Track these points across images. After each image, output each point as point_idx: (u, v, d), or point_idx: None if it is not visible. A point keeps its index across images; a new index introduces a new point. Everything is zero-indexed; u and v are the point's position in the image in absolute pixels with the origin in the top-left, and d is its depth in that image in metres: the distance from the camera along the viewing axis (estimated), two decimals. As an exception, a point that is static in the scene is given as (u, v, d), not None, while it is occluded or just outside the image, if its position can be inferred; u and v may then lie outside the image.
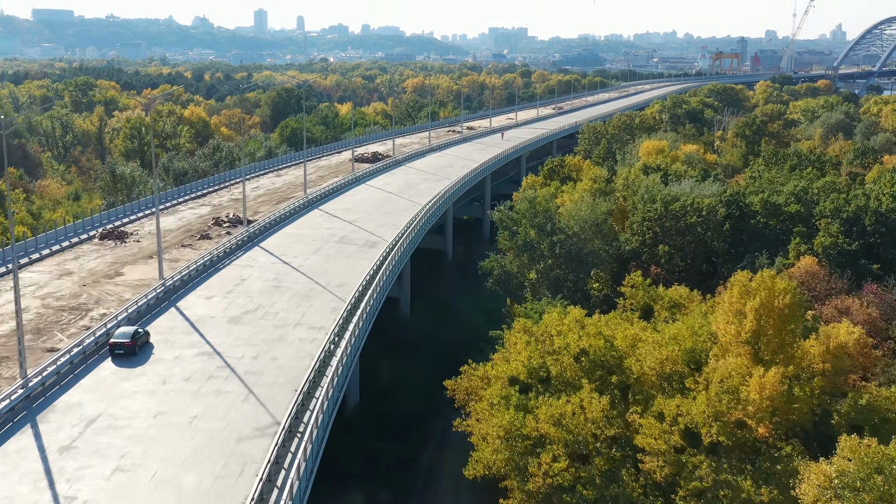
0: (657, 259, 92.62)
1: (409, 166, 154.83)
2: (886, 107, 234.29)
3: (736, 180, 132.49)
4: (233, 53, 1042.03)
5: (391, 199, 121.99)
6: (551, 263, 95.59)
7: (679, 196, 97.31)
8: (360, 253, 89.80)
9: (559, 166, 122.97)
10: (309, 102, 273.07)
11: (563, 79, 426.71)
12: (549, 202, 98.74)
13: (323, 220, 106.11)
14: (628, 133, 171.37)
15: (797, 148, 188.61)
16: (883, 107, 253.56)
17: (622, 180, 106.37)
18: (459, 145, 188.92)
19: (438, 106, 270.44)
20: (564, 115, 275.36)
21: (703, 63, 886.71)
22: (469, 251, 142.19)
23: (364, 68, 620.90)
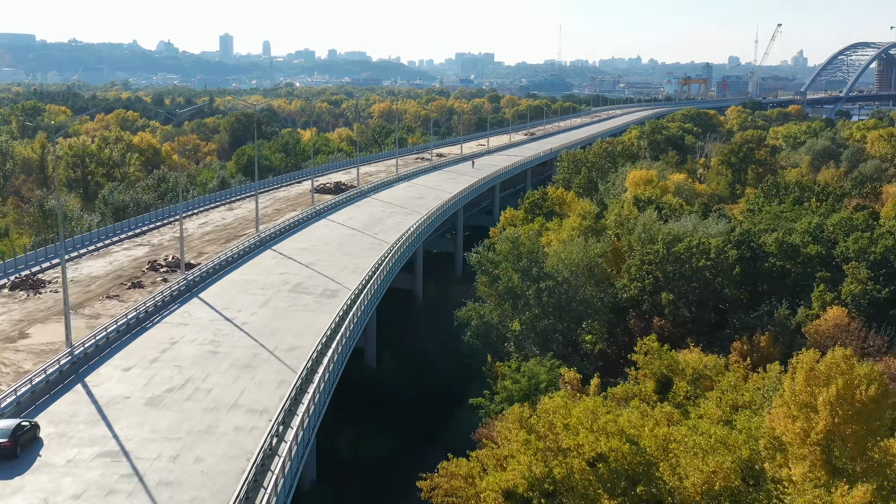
0: (660, 309, 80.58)
1: (375, 198, 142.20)
2: (871, 133, 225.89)
3: (732, 213, 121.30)
4: (198, 78, 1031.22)
5: (355, 236, 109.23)
6: (538, 313, 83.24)
7: (681, 235, 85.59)
8: (318, 305, 76.87)
9: (542, 199, 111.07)
10: (270, 128, 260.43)
11: (533, 104, 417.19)
12: (533, 242, 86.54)
13: (276, 262, 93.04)
14: (609, 161, 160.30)
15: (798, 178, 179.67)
16: (866, 132, 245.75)
17: (614, 216, 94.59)
18: (429, 174, 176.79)
19: (406, 132, 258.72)
20: (537, 141, 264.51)
21: (669, 88, 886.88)
22: (441, 290, 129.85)
23: (330, 93, 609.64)
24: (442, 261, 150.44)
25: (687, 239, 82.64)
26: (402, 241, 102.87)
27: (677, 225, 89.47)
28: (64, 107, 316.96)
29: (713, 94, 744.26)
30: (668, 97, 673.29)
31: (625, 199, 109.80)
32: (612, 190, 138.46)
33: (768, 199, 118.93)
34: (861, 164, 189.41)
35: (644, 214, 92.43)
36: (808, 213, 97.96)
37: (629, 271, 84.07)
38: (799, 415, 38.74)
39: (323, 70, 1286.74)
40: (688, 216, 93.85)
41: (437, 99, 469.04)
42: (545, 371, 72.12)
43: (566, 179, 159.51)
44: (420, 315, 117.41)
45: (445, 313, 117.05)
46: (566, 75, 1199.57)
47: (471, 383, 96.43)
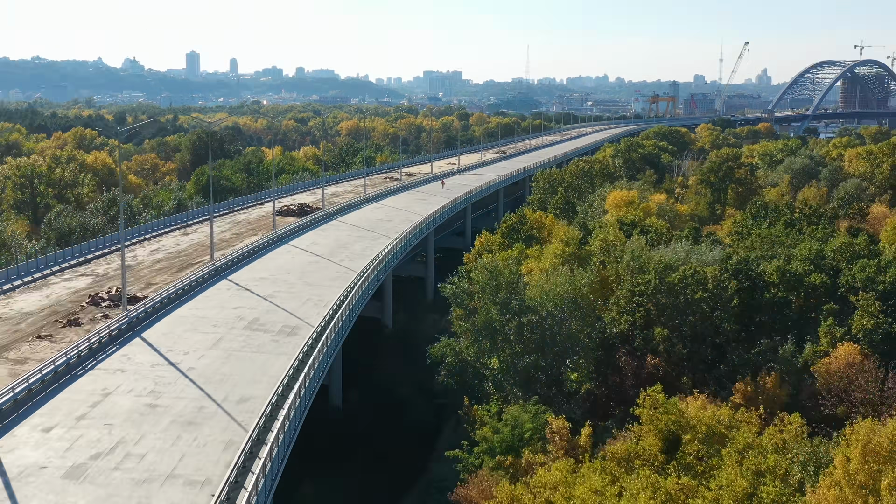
0: (653, 345, 73.51)
1: (341, 220, 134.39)
2: (849, 151, 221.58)
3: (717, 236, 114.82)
4: (163, 96, 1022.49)
5: (319, 264, 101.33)
6: (519, 350, 75.85)
7: (674, 263, 78.71)
8: (275, 345, 68.88)
9: (519, 223, 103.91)
10: (233, 147, 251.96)
11: (502, 121, 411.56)
12: (513, 272, 79.23)
13: (231, 295, 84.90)
14: (586, 181, 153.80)
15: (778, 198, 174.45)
16: (843, 150, 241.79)
17: (599, 242, 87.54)
18: (398, 194, 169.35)
19: (374, 150, 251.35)
20: (509, 159, 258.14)
21: (636, 106, 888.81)
22: (412, 318, 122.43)
23: (297, 111, 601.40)
24: (412, 286, 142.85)
25: (681, 268, 75.75)
26: (370, 269, 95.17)
27: (668, 252, 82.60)
28: (18, 124, 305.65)
29: (680, 111, 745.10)
30: (636, 115, 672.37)
31: (609, 223, 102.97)
32: (590, 212, 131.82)
33: (757, 222, 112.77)
34: (841, 183, 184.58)
35: (632, 241, 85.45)
36: (805, 237, 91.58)
37: (618, 303, 76.99)
38: (856, 500, 31.57)
39: (291, 88, 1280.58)
40: (679, 242, 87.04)
41: (405, 117, 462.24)
42: (529, 418, 64.73)
43: (542, 200, 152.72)
44: (389, 346, 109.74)
45: (416, 343, 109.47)
46: (534, 93, 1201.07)
47: (446, 423, 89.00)
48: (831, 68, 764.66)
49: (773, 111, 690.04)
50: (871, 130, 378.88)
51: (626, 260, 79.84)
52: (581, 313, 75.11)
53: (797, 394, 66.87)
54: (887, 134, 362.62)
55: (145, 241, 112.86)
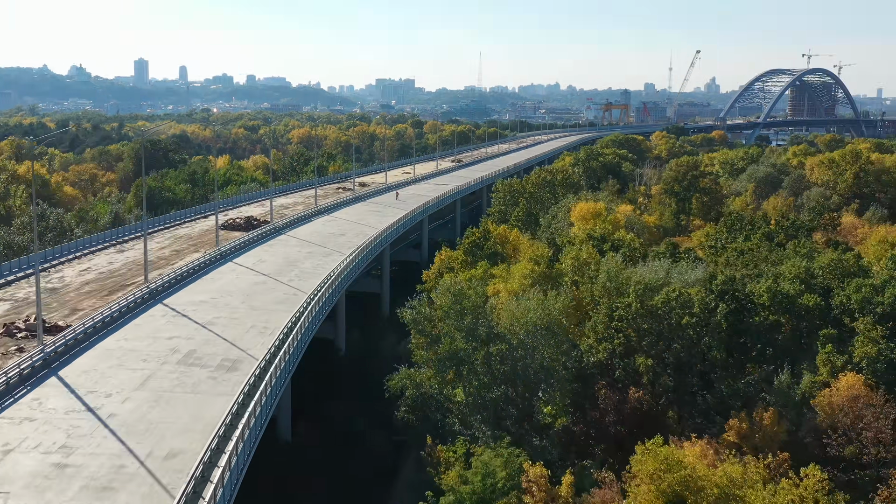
0: (635, 376, 66.67)
1: (291, 235, 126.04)
2: (811, 159, 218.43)
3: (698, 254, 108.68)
4: (111, 104, 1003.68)
5: (266, 284, 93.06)
6: (487, 382, 68.52)
7: (654, 284, 72.05)
8: (213, 383, 60.69)
9: (483, 238, 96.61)
10: (179, 156, 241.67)
11: (456, 129, 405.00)
12: (479, 295, 71.91)
13: (166, 322, 76.37)
14: (549, 191, 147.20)
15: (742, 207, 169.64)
16: (803, 158, 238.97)
17: (571, 260, 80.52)
18: (351, 206, 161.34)
19: (326, 159, 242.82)
20: (465, 168, 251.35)
21: (588, 114, 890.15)
22: (367, 339, 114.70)
23: (248, 118, 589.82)
24: (367, 303, 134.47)
25: (664, 290, 69.05)
26: (322, 290, 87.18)
27: (646, 271, 75.87)
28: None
29: (632, 119, 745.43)
30: (591, 123, 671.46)
31: (577, 237, 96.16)
32: (554, 224, 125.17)
33: (732, 235, 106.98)
34: (805, 192, 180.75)
35: (607, 259, 78.59)
36: (789, 253, 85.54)
37: (595, 329, 70.04)
38: None
39: (242, 96, 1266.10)
40: (657, 260, 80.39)
41: (358, 125, 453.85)
42: (502, 463, 57.34)
43: (502, 212, 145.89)
44: (343, 372, 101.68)
45: (372, 368, 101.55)
46: (487, 101, 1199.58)
47: (406, 461, 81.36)
48: (781, 77, 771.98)
49: (725, 119, 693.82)
50: (826, 138, 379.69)
51: (602, 281, 72.94)
52: (555, 340, 68.04)
53: (797, 430, 60.38)
54: (841, 142, 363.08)
55: (75, 259, 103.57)
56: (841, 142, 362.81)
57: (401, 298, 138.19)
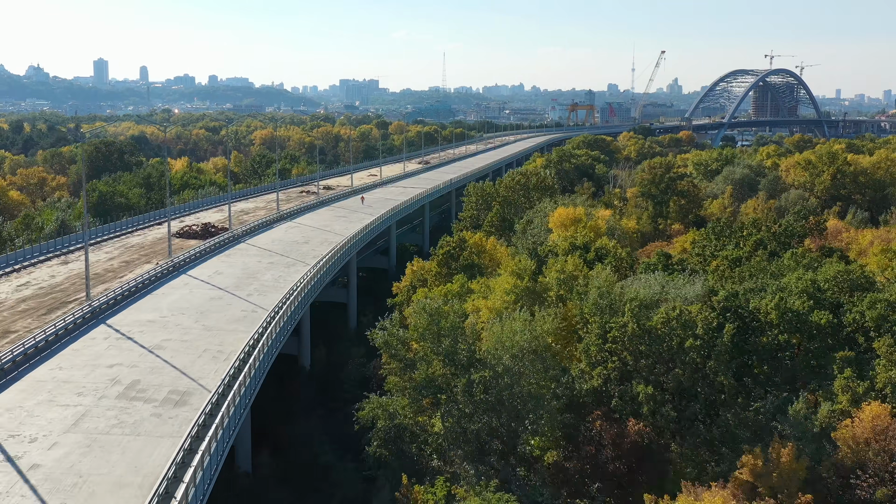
0: (634, 405, 59.98)
1: (251, 243, 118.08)
2: (786, 160, 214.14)
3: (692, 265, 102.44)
4: (69, 104, 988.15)
5: (222, 300, 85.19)
6: (468, 412, 61.52)
7: (649, 300, 65.49)
8: (157, 422, 53.00)
9: (458, 248, 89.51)
10: (135, 158, 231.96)
11: (422, 130, 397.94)
12: (458, 314, 64.85)
13: (109, 346, 68.43)
14: (523, 195, 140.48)
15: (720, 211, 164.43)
16: (777, 160, 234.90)
17: (556, 274, 73.67)
18: (316, 211, 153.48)
19: (289, 161, 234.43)
20: (433, 170, 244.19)
21: (553, 114, 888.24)
22: (333, 354, 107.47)
23: (209, 119, 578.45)
24: (333, 313, 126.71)
25: (662, 309, 62.47)
26: (284, 307, 79.59)
27: (640, 285, 69.27)
28: None
29: (597, 119, 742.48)
30: (557, 123, 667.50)
31: (558, 246, 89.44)
32: (530, 230, 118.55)
33: (720, 242, 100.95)
34: (783, 195, 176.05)
35: (596, 272, 71.86)
36: (787, 262, 79.42)
37: (588, 353, 63.29)
38: None
39: (203, 96, 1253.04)
40: (650, 273, 73.84)
41: (322, 125, 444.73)
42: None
43: (475, 217, 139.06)
44: (308, 392, 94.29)
45: (339, 388, 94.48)
46: (451, 102, 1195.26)
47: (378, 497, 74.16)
48: (745, 77, 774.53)
49: (690, 119, 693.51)
50: (794, 139, 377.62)
51: (593, 298, 66.16)
52: (543, 365, 61.21)
53: (816, 467, 54.00)
54: (809, 142, 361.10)
55: (13, 273, 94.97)
56: (809, 142, 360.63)
57: (368, 308, 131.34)
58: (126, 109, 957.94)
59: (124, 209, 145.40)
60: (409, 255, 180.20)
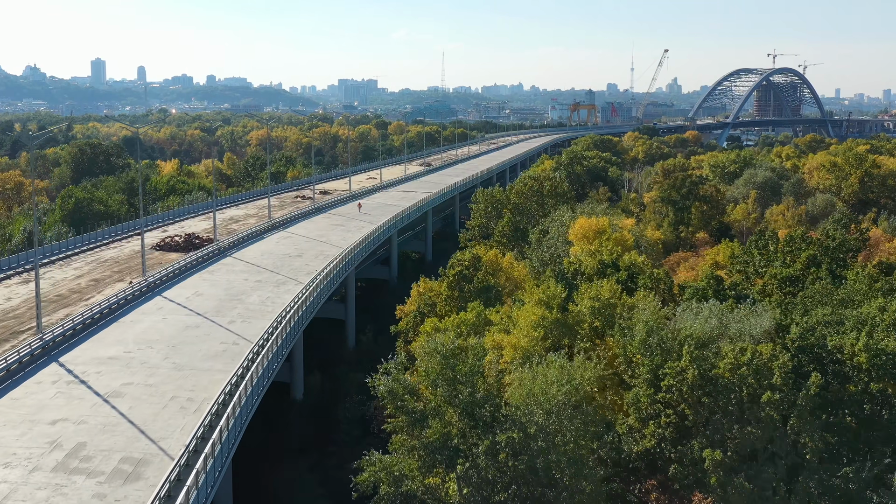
0: (697, 472, 48.61)
1: (238, 257, 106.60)
2: (808, 161, 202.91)
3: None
4: (66, 104, 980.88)
5: (199, 329, 73.72)
6: (491, 478, 50.15)
7: (706, 338, 54.11)
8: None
9: (471, 268, 77.96)
10: (122, 160, 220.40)
11: (423, 130, 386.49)
12: (478, 356, 53.45)
13: (57, 393, 56.95)
14: (536, 202, 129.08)
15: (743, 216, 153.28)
16: (796, 161, 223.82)
17: (590, 301, 62.28)
18: (311, 219, 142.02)
19: (285, 163, 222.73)
20: (435, 172, 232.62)
21: (553, 114, 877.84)
22: (329, 381, 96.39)
23: (205, 119, 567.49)
24: (329, 331, 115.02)
25: (728, 350, 51.07)
26: (271, 339, 68.18)
27: (692, 317, 57.79)
28: None
29: (598, 119, 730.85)
30: (560, 123, 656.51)
31: (585, 263, 78.03)
32: (547, 242, 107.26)
33: (764, 256, 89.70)
34: (810, 199, 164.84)
35: (641, 300, 60.38)
36: (860, 286, 68.04)
37: (637, 404, 51.90)
38: None
39: (201, 96, 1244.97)
40: (698, 298, 62.41)
41: (320, 125, 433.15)
42: None
43: (484, 226, 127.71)
44: (299, 428, 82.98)
45: (336, 426, 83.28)
46: (450, 101, 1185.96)
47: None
48: (749, 76, 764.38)
49: (694, 119, 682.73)
50: (806, 139, 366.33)
51: (641, 335, 54.74)
52: (583, 421, 49.88)
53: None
54: (822, 142, 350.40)
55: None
56: (822, 142, 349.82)
57: (368, 325, 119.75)
58: (123, 110, 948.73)
59: (103, 218, 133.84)
60: (410, 263, 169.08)
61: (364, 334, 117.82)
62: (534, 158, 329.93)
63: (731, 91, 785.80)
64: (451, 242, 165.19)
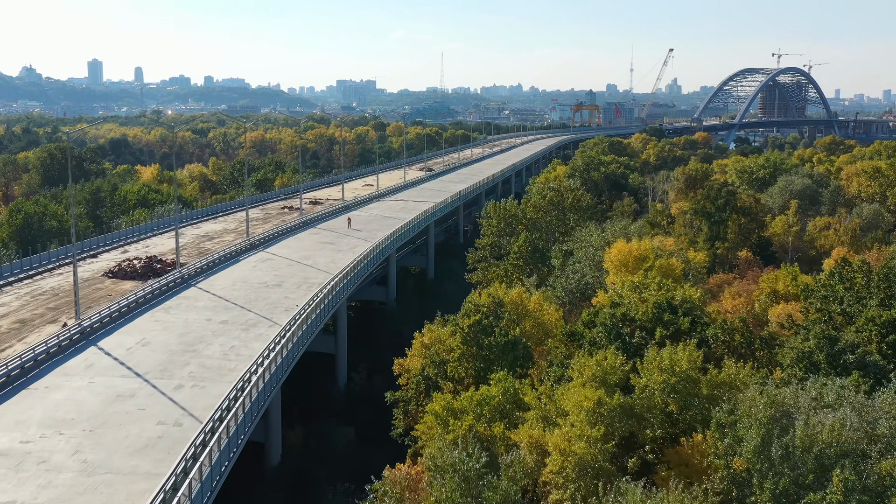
0: None
1: (204, 287, 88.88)
2: (848, 167, 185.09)
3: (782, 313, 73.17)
4: (62, 105, 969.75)
5: (134, 400, 56.00)
6: None
7: (849, 448, 36.48)
8: None
9: (493, 314, 60.07)
10: (97, 165, 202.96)
11: (422, 132, 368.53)
12: (513, 481, 35.81)
13: None
14: (556, 217, 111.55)
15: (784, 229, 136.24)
16: (829, 166, 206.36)
17: (660, 376, 44.70)
18: (297, 235, 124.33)
19: (273, 170, 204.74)
20: (437, 178, 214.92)
21: (553, 115, 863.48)
22: (314, 435, 79.89)
23: (200, 121, 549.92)
24: (315, 369, 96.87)
25: None
26: (232, 412, 50.65)
27: (812, 403, 40.19)
28: None
29: (600, 120, 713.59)
30: (563, 124, 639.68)
31: (630, 305, 60.54)
32: (573, 268, 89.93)
33: (853, 293, 72.16)
34: (854, 209, 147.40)
35: (744, 381, 42.76)
36: None
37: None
38: None
39: (199, 97, 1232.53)
40: (815, 376, 44.85)
41: (315, 127, 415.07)
42: None
43: (496, 245, 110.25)
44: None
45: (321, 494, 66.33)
46: (449, 102, 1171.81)
47: None
48: (754, 76, 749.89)
49: (700, 120, 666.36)
50: (825, 140, 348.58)
51: (755, 441, 37.12)
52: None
53: None
54: (842, 143, 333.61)
55: None
56: (842, 143, 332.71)
57: (362, 360, 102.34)
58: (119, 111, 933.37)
59: (58, 235, 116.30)
60: (411, 279, 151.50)
61: (357, 372, 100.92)
62: (540, 162, 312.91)
63: (734, 91, 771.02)
64: (455, 258, 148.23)
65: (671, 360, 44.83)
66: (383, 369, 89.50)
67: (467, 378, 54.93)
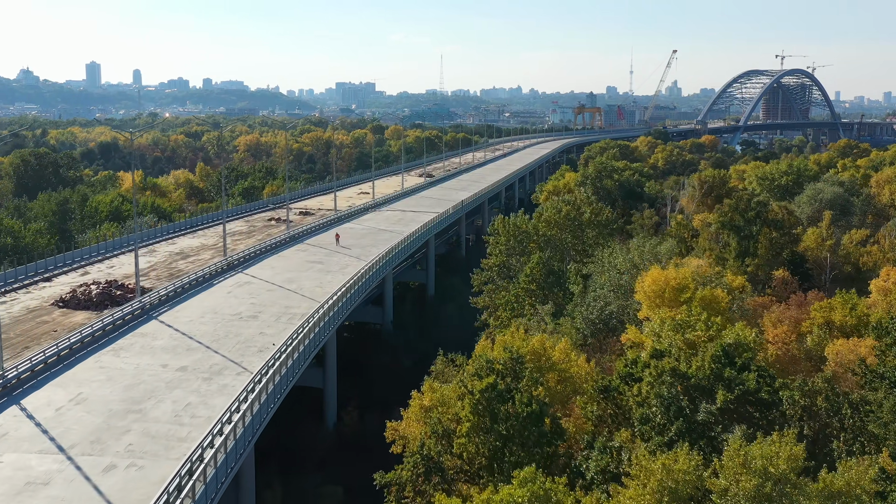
0: None
1: (166, 321, 76.20)
2: (879, 173, 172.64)
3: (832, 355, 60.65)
4: (59, 108, 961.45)
5: (48, 490, 43.55)
6: None
7: None
8: None
9: (511, 374, 47.36)
10: (76, 172, 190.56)
11: (422, 135, 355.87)
12: None
13: None
14: (572, 233, 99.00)
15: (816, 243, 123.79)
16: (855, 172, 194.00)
17: (749, 481, 32.44)
18: (281, 252, 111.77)
19: (263, 177, 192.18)
20: (437, 185, 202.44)
21: (554, 117, 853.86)
22: (294, 496, 68.25)
23: (195, 123, 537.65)
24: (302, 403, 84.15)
25: None
26: (191, 482, 38.30)
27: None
28: None
29: (601, 123, 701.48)
30: (566, 127, 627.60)
31: (678, 354, 48.16)
32: (595, 294, 77.58)
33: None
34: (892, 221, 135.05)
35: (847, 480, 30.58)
36: None
37: None
38: None
39: (197, 100, 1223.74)
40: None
41: (312, 130, 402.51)
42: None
43: (505, 266, 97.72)
44: None
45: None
46: (449, 104, 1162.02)
47: None
48: (759, 78, 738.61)
49: (705, 122, 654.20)
50: (840, 144, 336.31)
51: None
52: None
53: None
54: (857, 147, 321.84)
55: None
56: (856, 147, 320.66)
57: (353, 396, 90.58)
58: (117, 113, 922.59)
59: (16, 253, 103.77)
60: (410, 295, 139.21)
61: (348, 413, 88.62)
62: (544, 166, 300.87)
63: (737, 93, 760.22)
64: (457, 273, 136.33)
65: (764, 459, 32.37)
66: (376, 406, 78.31)
67: (478, 458, 42.59)
